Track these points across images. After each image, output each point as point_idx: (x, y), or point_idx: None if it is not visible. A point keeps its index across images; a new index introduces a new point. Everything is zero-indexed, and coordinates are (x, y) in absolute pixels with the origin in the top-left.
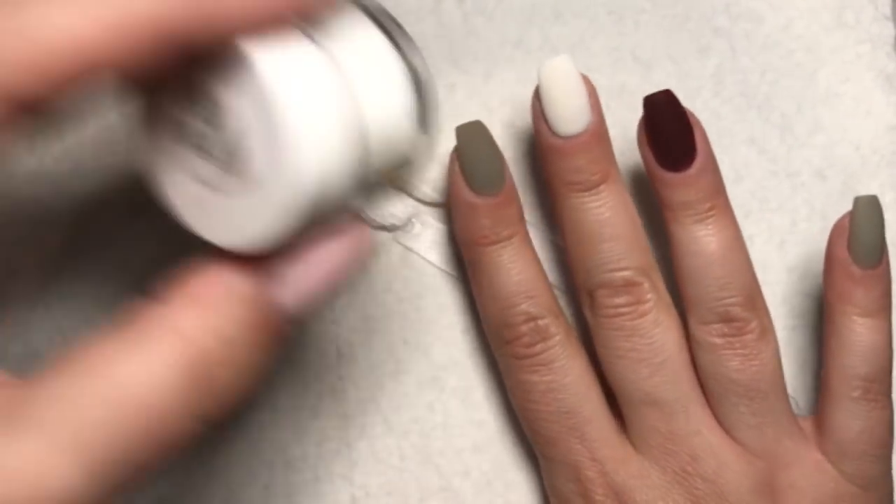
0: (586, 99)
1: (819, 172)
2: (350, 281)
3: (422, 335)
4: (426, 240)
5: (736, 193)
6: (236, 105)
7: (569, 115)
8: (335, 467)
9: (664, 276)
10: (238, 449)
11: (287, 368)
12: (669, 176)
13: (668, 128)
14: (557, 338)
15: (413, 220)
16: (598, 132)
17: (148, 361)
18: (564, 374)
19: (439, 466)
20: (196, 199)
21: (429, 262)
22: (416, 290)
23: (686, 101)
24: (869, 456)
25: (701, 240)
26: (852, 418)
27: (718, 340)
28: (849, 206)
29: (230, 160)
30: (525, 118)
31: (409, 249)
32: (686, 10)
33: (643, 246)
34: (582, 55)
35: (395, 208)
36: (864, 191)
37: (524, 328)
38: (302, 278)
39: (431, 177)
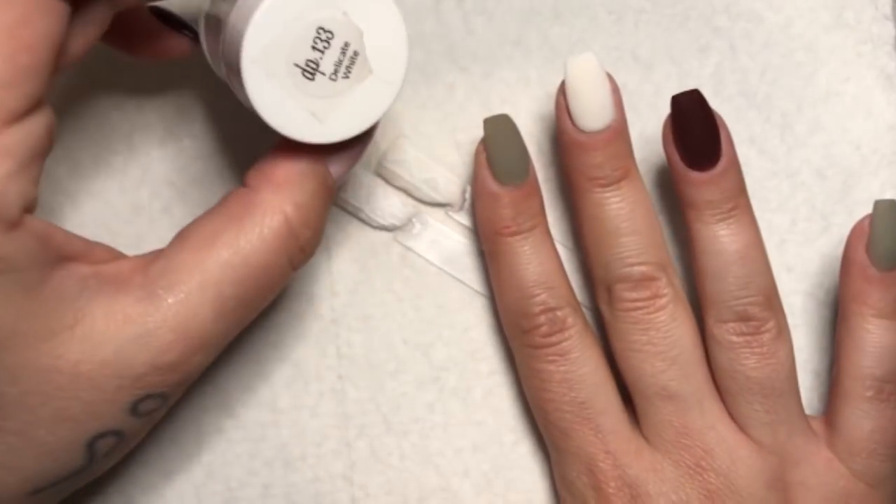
0: (611, 96)
1: (819, 172)
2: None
3: (422, 335)
4: (426, 240)
5: None
6: (349, 22)
7: (593, 110)
8: (335, 467)
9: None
10: (238, 449)
11: (287, 368)
12: (695, 175)
13: (696, 128)
14: (574, 329)
15: (413, 220)
16: (620, 129)
17: (255, 233)
18: (580, 365)
19: (439, 466)
20: (298, 112)
21: (429, 262)
22: (416, 290)
23: None
24: (879, 455)
25: (723, 239)
26: (864, 418)
27: (736, 339)
28: (849, 206)
29: (342, 69)
30: (524, 118)
31: (409, 249)
32: (686, 9)
33: (660, 242)
34: None
35: (395, 208)
36: (865, 190)
37: (542, 318)
38: (345, 153)
39: (431, 177)
